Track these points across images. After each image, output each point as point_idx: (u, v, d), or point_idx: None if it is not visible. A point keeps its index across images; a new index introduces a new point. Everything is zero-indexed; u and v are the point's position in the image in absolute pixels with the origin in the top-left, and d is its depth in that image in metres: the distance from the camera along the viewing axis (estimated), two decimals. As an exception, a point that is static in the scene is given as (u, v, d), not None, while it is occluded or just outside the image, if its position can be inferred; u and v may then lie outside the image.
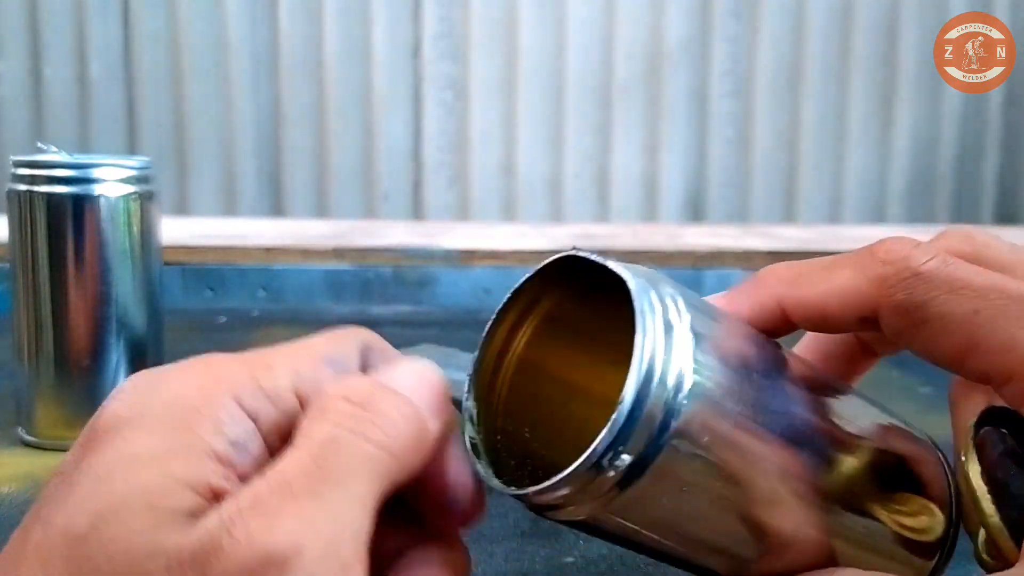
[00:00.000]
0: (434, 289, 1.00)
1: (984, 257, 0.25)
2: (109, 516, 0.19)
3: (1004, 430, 0.24)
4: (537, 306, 0.26)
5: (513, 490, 0.23)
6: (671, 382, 0.21)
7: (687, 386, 0.21)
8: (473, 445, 0.25)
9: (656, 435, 0.21)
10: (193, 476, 0.20)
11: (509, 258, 1.01)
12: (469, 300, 0.99)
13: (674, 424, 0.21)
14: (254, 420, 0.22)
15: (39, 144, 0.51)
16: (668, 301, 0.22)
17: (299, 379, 0.23)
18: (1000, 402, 0.24)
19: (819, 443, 0.25)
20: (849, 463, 0.25)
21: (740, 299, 0.27)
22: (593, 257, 0.23)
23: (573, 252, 0.24)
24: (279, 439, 0.22)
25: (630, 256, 1.01)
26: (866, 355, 0.30)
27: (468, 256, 1.01)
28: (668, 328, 0.22)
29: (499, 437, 0.25)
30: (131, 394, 0.21)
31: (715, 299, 0.27)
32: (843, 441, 0.26)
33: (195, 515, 0.19)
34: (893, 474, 0.27)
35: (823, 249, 1.05)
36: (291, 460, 0.20)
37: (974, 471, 0.23)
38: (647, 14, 1.84)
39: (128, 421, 0.21)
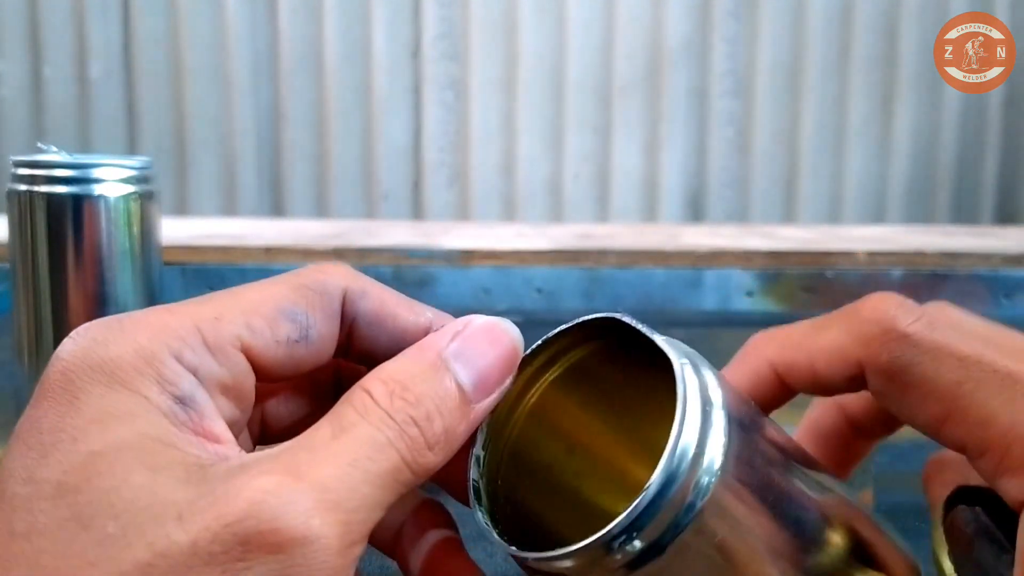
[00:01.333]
0: (434, 289, 1.00)
1: (963, 327, 0.24)
2: (102, 469, 0.19)
3: (978, 508, 0.23)
4: (566, 356, 0.26)
5: (513, 550, 0.22)
6: (704, 465, 0.21)
7: (716, 470, 0.21)
8: (475, 488, 0.24)
9: (679, 519, 0.21)
10: (160, 434, 0.20)
11: (509, 258, 1.01)
12: (469, 300, 0.99)
13: (699, 506, 0.21)
14: (194, 374, 0.21)
15: (39, 144, 0.51)
16: (706, 376, 0.22)
17: (250, 334, 0.22)
18: (974, 477, 0.24)
19: (807, 528, 0.25)
20: (829, 552, 0.25)
21: (737, 369, 0.27)
22: (638, 326, 0.23)
23: (618, 316, 0.24)
24: (222, 394, 0.22)
25: (630, 256, 1.01)
26: (860, 440, 0.30)
27: (468, 256, 1.01)
28: (706, 413, 0.21)
29: (500, 481, 0.25)
30: (75, 354, 0.21)
31: None
32: (825, 529, 0.26)
33: (188, 471, 0.19)
34: (868, 560, 0.27)
35: (823, 249, 1.05)
36: (319, 436, 0.21)
37: (943, 553, 0.23)
38: (647, 14, 1.84)
39: (74, 384, 0.21)
